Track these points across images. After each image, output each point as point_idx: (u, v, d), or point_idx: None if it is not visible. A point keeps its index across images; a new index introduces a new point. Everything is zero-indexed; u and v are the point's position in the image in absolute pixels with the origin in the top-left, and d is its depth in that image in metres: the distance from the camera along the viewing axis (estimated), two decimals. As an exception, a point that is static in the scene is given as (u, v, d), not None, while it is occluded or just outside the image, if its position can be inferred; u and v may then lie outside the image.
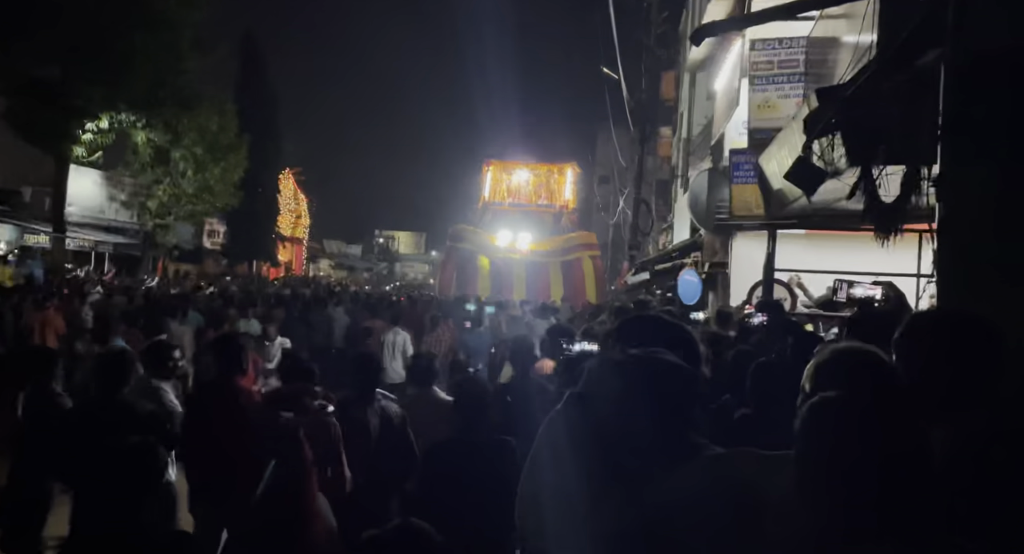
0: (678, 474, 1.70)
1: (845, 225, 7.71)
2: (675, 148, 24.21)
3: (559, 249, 25.06)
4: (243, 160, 27.80)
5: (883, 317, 5.07)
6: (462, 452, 3.62)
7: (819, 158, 4.89)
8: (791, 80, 9.60)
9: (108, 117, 20.24)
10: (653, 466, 1.72)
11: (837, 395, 1.64)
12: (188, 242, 29.70)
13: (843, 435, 1.52)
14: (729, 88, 12.88)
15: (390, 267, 68.44)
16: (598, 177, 51.85)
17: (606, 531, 1.71)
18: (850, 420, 1.54)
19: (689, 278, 11.56)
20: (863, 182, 4.10)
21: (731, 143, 11.90)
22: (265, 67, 37.28)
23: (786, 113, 8.88)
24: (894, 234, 4.03)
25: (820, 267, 8.61)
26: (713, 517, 1.61)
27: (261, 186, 34.91)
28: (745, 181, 9.72)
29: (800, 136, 5.20)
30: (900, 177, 3.98)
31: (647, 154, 26.37)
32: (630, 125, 24.06)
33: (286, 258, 45.04)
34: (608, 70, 23.00)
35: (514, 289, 22.06)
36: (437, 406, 4.72)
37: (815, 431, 1.57)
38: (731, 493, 1.66)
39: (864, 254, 7.35)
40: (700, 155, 17.15)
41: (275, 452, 3.19)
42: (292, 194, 45.29)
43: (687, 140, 20.10)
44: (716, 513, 1.61)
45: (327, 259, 59.53)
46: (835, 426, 1.54)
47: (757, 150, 8.84)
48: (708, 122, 15.94)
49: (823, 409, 1.59)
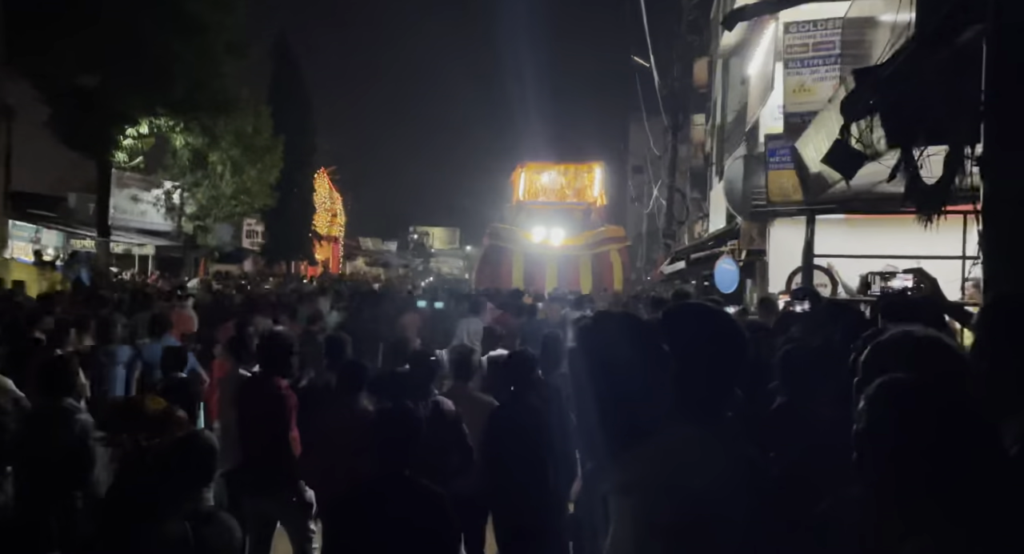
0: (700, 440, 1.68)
1: (886, 208, 7.55)
2: (708, 135, 23.95)
3: (589, 243, 26.09)
4: (279, 161, 28.17)
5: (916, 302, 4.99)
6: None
7: (857, 141, 4.81)
8: (827, 62, 9.44)
9: (147, 122, 20.64)
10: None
11: (908, 377, 1.62)
12: (228, 243, 30.21)
13: (915, 417, 1.50)
14: (763, 73, 12.70)
15: (425, 263, 68.80)
16: (631, 167, 51.53)
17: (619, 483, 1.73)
18: (921, 402, 1.53)
19: (726, 266, 11.44)
20: (904, 164, 4.02)
21: (766, 129, 11.74)
22: (299, 68, 37.62)
23: (822, 96, 8.74)
24: (937, 216, 3.95)
25: (861, 252, 8.47)
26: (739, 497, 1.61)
27: (297, 186, 35.31)
28: (781, 167, 9.58)
29: (838, 119, 5.12)
30: (942, 158, 3.89)
31: (680, 142, 26.15)
32: (663, 114, 23.87)
33: (323, 256, 45.53)
34: (639, 59, 22.82)
35: (546, 280, 22.86)
36: (471, 402, 4.77)
37: (883, 412, 1.56)
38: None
39: (906, 237, 7.20)
40: (734, 142, 16.94)
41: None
42: (327, 193, 45.71)
43: (721, 127, 19.87)
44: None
45: (364, 257, 60.01)
46: (905, 407, 1.53)
47: (793, 135, 8.71)
48: (742, 108, 15.74)
49: (893, 390, 1.58)
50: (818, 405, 3.03)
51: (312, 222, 40.31)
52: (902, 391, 1.57)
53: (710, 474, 1.66)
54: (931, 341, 2.05)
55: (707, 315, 2.14)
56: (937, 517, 1.44)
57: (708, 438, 1.77)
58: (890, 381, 1.60)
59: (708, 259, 14.12)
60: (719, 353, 1.91)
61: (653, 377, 1.75)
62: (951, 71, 3.55)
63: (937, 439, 1.46)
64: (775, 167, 9.76)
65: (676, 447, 1.74)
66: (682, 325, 1.99)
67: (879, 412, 1.56)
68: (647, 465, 1.72)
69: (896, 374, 1.63)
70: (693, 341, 1.91)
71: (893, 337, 2.11)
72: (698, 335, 1.93)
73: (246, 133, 25.47)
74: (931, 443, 1.46)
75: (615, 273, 25.18)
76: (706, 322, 2.05)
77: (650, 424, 1.74)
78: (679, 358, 1.85)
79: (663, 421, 1.77)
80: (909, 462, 1.48)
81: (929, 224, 3.97)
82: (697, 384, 1.84)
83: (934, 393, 1.56)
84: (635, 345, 1.81)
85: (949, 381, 1.79)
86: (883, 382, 1.60)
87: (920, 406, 1.52)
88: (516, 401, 4.44)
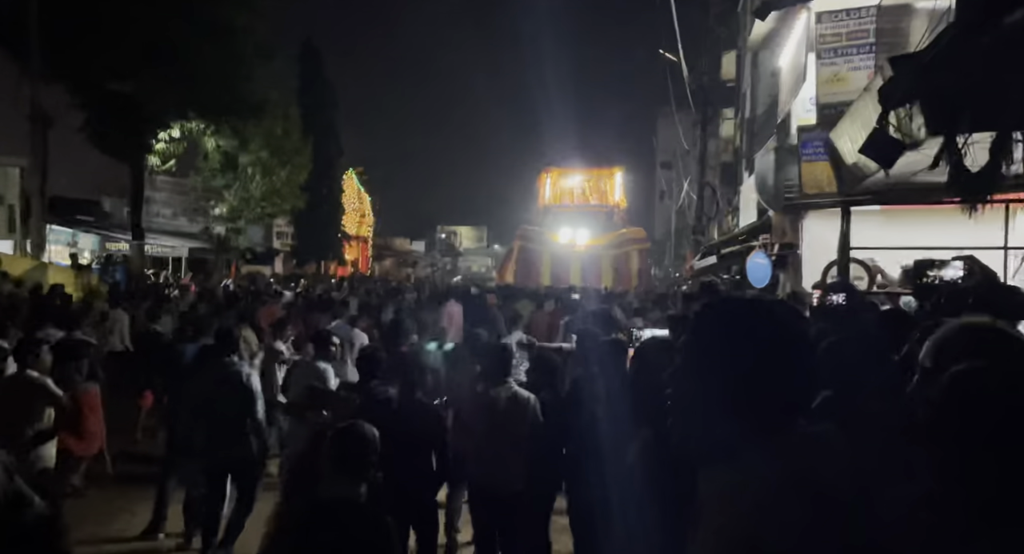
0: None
1: (926, 199, 7.40)
2: (738, 129, 23.71)
3: (612, 243, 28.38)
4: (308, 162, 28.40)
5: (969, 292, 4.87)
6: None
7: (896, 129, 4.71)
8: (861, 51, 9.28)
9: (179, 126, 20.92)
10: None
11: (990, 365, 1.56)
12: (259, 244, 30.53)
13: (992, 407, 1.45)
14: (795, 64, 12.53)
15: (453, 262, 68.96)
16: (660, 163, 51.23)
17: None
18: (1011, 391, 1.47)
19: (759, 261, 11.30)
20: (947, 151, 3.92)
21: (798, 120, 11.58)
22: (326, 70, 37.91)
23: (856, 86, 8.59)
24: (983, 204, 3.85)
25: (898, 244, 8.31)
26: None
27: (326, 187, 35.58)
28: (815, 158, 9.44)
29: (874, 108, 5.01)
30: (986, 145, 3.79)
31: (709, 137, 25.94)
32: (692, 108, 23.67)
33: (352, 257, 45.83)
34: (668, 54, 22.67)
35: (571, 278, 24.56)
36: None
37: (961, 402, 1.50)
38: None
39: (945, 228, 7.06)
40: (764, 135, 16.73)
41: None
42: (355, 193, 46.00)
43: (751, 120, 19.65)
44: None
45: (393, 257, 60.30)
46: (993, 397, 1.47)
47: (827, 126, 8.57)
48: (772, 101, 15.54)
49: (978, 379, 1.52)
50: (866, 398, 2.96)
51: (341, 223, 40.59)
52: (983, 379, 1.52)
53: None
54: (997, 331, 1.99)
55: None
56: (1017, 513, 1.39)
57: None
58: (972, 369, 1.54)
59: (739, 254, 13.97)
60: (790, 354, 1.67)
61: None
62: (996, 55, 3.45)
63: (1021, 428, 1.41)
64: (808, 159, 9.62)
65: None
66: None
67: (964, 401, 1.51)
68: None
69: (975, 363, 1.57)
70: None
71: (961, 328, 2.04)
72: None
73: (275, 135, 25.70)
74: (1016, 433, 1.41)
75: (632, 271, 27.27)
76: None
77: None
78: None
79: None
80: (991, 453, 1.43)
81: (974, 213, 3.87)
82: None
83: (1015, 381, 1.50)
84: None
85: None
86: (965, 370, 1.54)
87: (1007, 393, 1.47)
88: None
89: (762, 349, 1.41)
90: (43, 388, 5.32)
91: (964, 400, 1.52)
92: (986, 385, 1.51)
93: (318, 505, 2.80)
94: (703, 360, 1.47)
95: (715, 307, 1.55)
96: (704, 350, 1.48)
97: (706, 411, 1.44)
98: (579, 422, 4.45)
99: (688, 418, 1.49)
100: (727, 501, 1.42)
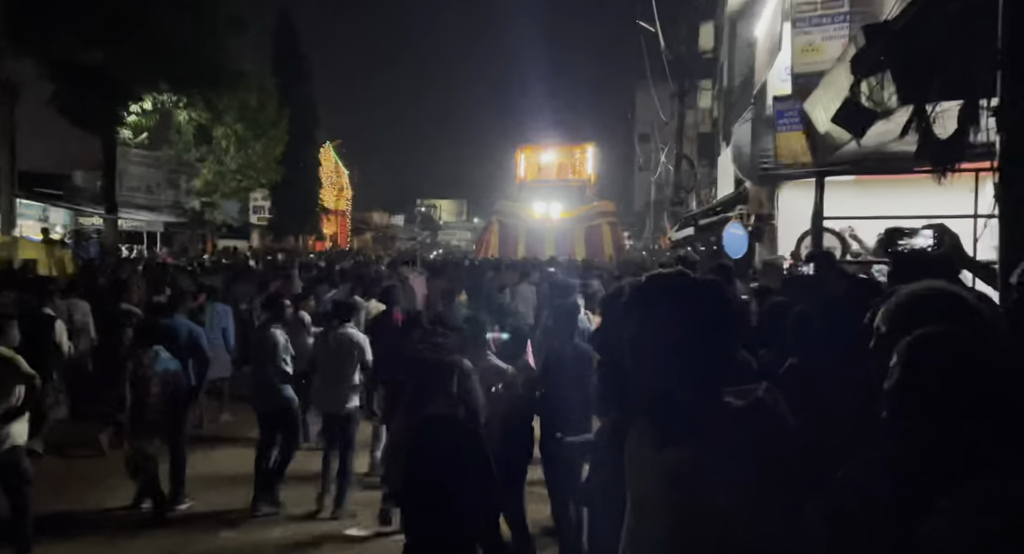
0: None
1: (898, 168, 7.45)
2: (716, 101, 23.68)
3: (584, 216, 29.87)
4: (284, 135, 28.06)
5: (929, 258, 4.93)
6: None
7: (868, 98, 4.72)
8: (835, 20, 9.25)
9: (151, 98, 20.54)
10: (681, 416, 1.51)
11: (944, 329, 1.59)
12: (235, 219, 30.20)
13: (951, 369, 1.49)
14: (770, 34, 12.50)
15: (433, 235, 68.73)
16: (639, 135, 51.07)
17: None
18: (962, 353, 1.51)
19: (735, 231, 11.38)
20: (916, 120, 3.95)
21: (774, 91, 11.57)
22: (302, 42, 37.33)
23: (831, 56, 8.58)
24: (951, 172, 3.89)
25: (871, 213, 8.37)
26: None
27: (303, 160, 35.19)
28: (790, 129, 9.46)
29: (847, 77, 5.01)
30: (955, 113, 3.81)
31: (687, 109, 25.90)
32: (669, 79, 23.58)
33: (331, 231, 45.52)
34: (645, 24, 22.52)
35: (546, 250, 25.58)
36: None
37: (922, 365, 1.53)
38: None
39: (917, 198, 7.12)
40: (742, 106, 16.73)
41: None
42: (333, 167, 45.58)
43: (728, 91, 19.63)
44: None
45: (372, 231, 59.95)
46: (947, 359, 1.51)
47: (801, 96, 8.57)
48: (749, 72, 15.52)
49: (931, 343, 1.55)
50: (831, 366, 3.00)
51: (319, 196, 40.24)
52: (941, 343, 1.55)
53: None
54: (948, 295, 2.02)
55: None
56: (977, 471, 1.43)
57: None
58: (927, 334, 1.57)
59: (717, 225, 14.05)
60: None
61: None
62: (964, 22, 3.46)
63: (980, 390, 1.45)
64: (783, 129, 9.63)
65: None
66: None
67: (918, 366, 1.54)
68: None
69: (930, 328, 1.60)
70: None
71: (913, 293, 2.07)
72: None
73: (250, 107, 25.33)
74: (974, 394, 1.44)
75: (605, 244, 28.54)
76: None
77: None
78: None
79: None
80: (950, 415, 1.46)
81: (943, 180, 3.90)
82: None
83: (972, 344, 1.54)
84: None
85: (979, 333, 1.76)
86: (921, 334, 1.57)
87: (962, 355, 1.51)
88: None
89: (689, 320, 1.43)
90: (13, 364, 5.26)
91: (915, 365, 1.55)
92: (936, 349, 1.54)
93: (429, 419, 3.63)
94: (639, 334, 1.48)
95: (646, 284, 1.57)
96: (639, 325, 1.49)
97: (644, 378, 1.47)
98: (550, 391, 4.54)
99: (636, 386, 1.50)
100: (679, 477, 1.44)
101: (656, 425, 1.55)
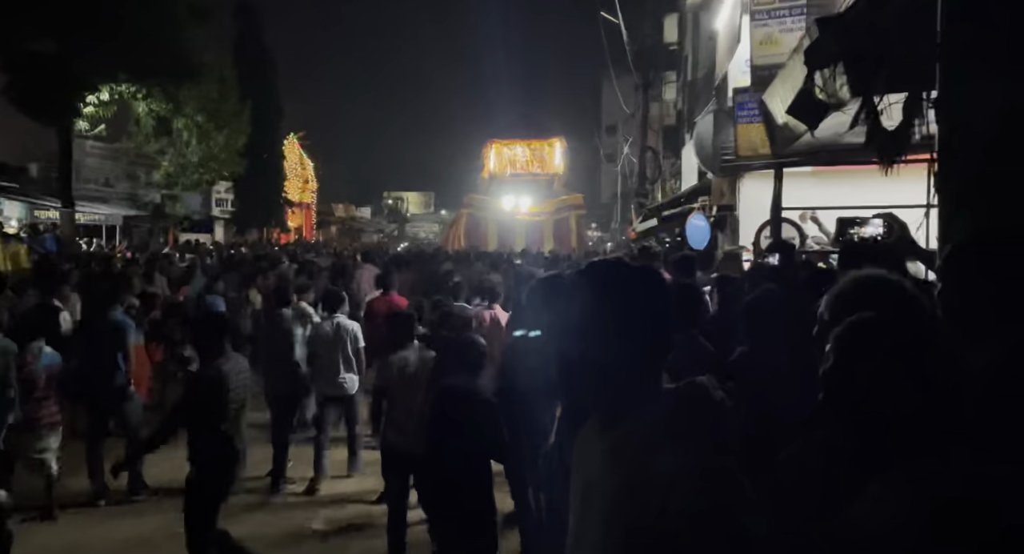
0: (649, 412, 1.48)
1: (851, 159, 7.61)
2: (680, 93, 23.86)
3: (552, 209, 30.44)
4: (246, 127, 27.67)
5: (875, 247, 5.05)
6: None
7: (821, 90, 4.81)
8: (793, 13, 9.40)
9: (108, 89, 20.12)
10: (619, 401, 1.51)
11: (875, 315, 1.65)
12: (197, 211, 29.76)
13: (880, 355, 1.54)
14: (731, 26, 12.64)
15: (400, 228, 68.33)
16: (605, 127, 51.22)
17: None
18: (889, 336, 1.57)
19: (697, 223, 11.50)
20: (865, 112, 4.04)
21: (735, 83, 11.71)
22: (263, 32, 36.77)
23: (789, 48, 8.68)
24: (897, 163, 3.98)
25: (829, 203, 8.53)
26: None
27: (266, 152, 34.75)
28: (750, 120, 9.58)
29: (803, 69, 5.10)
30: (902, 106, 3.91)
31: (652, 101, 26.05)
32: (632, 71, 23.70)
33: (296, 224, 45.04)
34: (608, 15, 22.59)
35: (516, 243, 26.28)
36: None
37: (853, 348, 1.60)
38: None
39: (872, 189, 7.26)
40: (705, 99, 16.90)
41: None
42: (298, 159, 45.06)
43: (692, 84, 19.80)
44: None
45: (337, 223, 59.37)
46: (875, 342, 1.57)
47: (761, 88, 8.68)
48: (711, 64, 15.68)
49: (862, 327, 1.62)
50: (779, 353, 3.07)
51: (283, 189, 39.78)
52: (871, 327, 1.61)
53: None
54: (886, 282, 2.09)
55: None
56: (908, 449, 1.49)
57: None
58: (859, 319, 1.64)
59: (680, 216, 14.18)
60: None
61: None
62: (910, 15, 3.54)
63: (907, 371, 1.50)
64: (743, 121, 9.75)
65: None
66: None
67: (849, 349, 1.60)
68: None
69: (863, 314, 1.66)
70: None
71: (853, 281, 2.15)
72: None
73: (211, 99, 24.93)
74: (902, 375, 1.50)
75: (572, 236, 29.29)
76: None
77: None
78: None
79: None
80: (880, 395, 1.52)
81: (890, 171, 4.00)
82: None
83: (900, 328, 1.60)
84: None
85: (910, 318, 1.82)
86: (852, 321, 1.64)
87: (889, 340, 1.57)
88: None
89: (627, 306, 1.48)
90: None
91: (846, 350, 1.61)
92: (867, 335, 1.60)
93: (448, 388, 4.22)
94: (579, 320, 1.51)
95: (586, 271, 1.60)
96: (580, 312, 1.52)
97: (585, 366, 1.50)
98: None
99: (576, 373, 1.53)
100: (619, 454, 1.47)
101: (597, 410, 1.59)
